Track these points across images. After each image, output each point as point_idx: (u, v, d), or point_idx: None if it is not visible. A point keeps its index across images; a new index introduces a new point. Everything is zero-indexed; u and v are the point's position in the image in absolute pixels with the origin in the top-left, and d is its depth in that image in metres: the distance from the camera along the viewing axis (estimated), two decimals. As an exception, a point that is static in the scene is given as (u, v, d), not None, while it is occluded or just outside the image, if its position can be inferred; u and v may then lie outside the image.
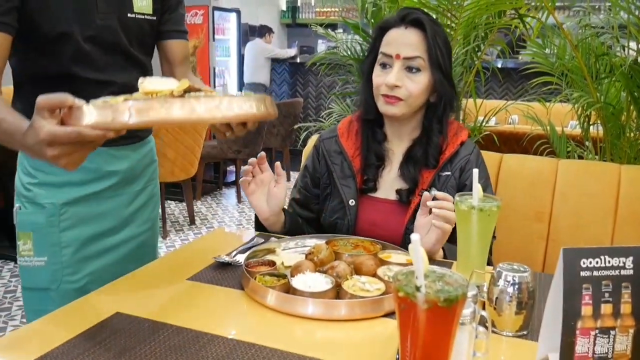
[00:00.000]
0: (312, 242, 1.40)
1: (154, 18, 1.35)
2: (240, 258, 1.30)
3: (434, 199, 1.28)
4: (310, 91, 7.22)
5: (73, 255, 1.29)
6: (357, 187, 1.52)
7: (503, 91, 5.76)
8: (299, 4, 8.63)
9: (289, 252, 1.36)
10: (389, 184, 1.53)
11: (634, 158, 2.14)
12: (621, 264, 0.85)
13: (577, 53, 2.08)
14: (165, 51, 1.44)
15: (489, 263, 1.45)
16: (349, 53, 2.58)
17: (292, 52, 7.06)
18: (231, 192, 5.58)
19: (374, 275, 1.15)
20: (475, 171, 1.14)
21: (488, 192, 1.48)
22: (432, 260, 1.30)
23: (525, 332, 1.01)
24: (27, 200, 1.28)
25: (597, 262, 0.84)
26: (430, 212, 1.29)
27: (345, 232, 1.50)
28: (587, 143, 2.46)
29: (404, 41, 1.42)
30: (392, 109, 1.44)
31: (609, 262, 0.85)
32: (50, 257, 1.26)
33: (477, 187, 1.13)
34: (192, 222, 4.43)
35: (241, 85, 6.96)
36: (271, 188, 1.43)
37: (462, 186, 1.48)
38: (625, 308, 0.85)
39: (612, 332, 0.85)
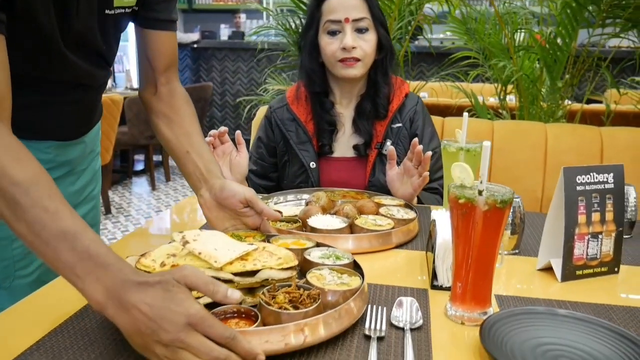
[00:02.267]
0: (292, 196, 1.46)
1: (135, 7, 1.10)
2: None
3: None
4: (214, 77, 7.09)
5: (25, 247, 1.10)
6: (315, 150, 1.60)
7: (430, 72, 6.12)
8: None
9: (280, 206, 1.41)
10: (344, 143, 1.62)
11: (547, 121, 2.42)
12: (605, 179, 1.02)
13: (502, 24, 2.31)
14: (148, 46, 1.16)
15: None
16: (286, 27, 2.61)
17: (195, 36, 6.90)
18: (142, 181, 5.37)
19: (377, 214, 1.24)
20: (465, 115, 1.27)
21: (435, 139, 1.63)
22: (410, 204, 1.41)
23: (517, 251, 1.16)
24: None
25: (587, 178, 1.00)
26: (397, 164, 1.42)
27: None
28: (502, 112, 2.74)
29: (348, 5, 1.50)
30: (352, 71, 1.52)
31: (596, 177, 1.01)
32: (0, 252, 1.07)
33: (464, 129, 1.26)
34: (107, 211, 4.23)
35: (142, 71, 6.67)
36: (233, 158, 1.45)
37: (413, 136, 1.59)
38: (609, 216, 1.03)
39: (600, 236, 1.02)
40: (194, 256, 0.86)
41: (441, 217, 1.03)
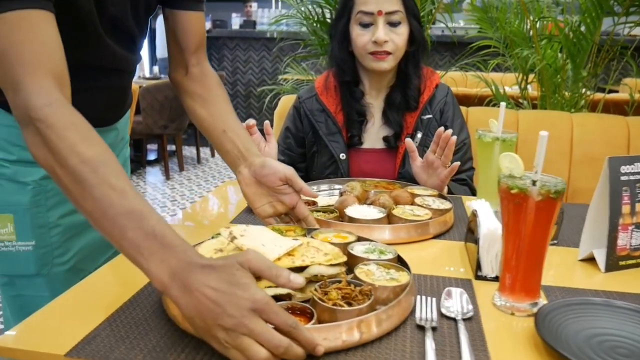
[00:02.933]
0: (325, 186, 1.46)
1: None
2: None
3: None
4: (226, 66, 7.08)
5: (63, 235, 1.11)
6: (345, 141, 1.59)
7: (443, 61, 6.09)
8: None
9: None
10: (374, 135, 1.61)
11: (569, 111, 2.40)
12: (649, 170, 1.00)
13: (526, 12, 2.29)
14: (177, 27, 1.15)
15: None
16: (306, 16, 2.59)
17: (207, 25, 6.88)
18: (155, 170, 5.39)
19: (412, 204, 1.24)
20: (503, 104, 1.26)
21: (465, 131, 1.62)
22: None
23: (556, 241, 1.15)
24: (4, 178, 1.05)
25: (631, 168, 0.99)
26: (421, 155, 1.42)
27: None
28: (523, 101, 2.72)
29: None
30: (383, 64, 1.51)
31: (638, 167, 1.00)
32: (39, 240, 1.08)
33: (501, 119, 1.25)
34: (123, 200, 4.24)
35: (153, 61, 6.68)
36: (262, 147, 1.45)
37: (444, 127, 1.58)
38: (652, 205, 1.01)
39: (642, 227, 1.01)
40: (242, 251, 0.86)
41: (483, 208, 1.03)
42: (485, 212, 1.00)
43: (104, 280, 0.94)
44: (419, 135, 1.56)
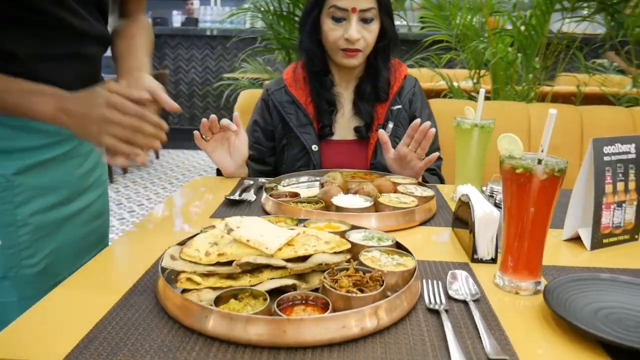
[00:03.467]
0: (305, 178, 1.43)
1: None
2: (249, 196, 1.29)
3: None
4: (168, 65, 6.88)
5: (32, 234, 1.04)
6: (316, 132, 1.57)
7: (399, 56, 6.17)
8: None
9: (293, 188, 1.37)
10: (345, 125, 1.60)
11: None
12: (628, 150, 1.05)
13: (483, 8, 2.34)
14: None
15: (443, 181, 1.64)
16: (268, 9, 2.54)
17: (147, 23, 6.66)
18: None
19: (395, 192, 1.23)
20: (482, 91, 1.27)
21: (432, 121, 1.64)
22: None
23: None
24: None
25: (613, 149, 1.03)
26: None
27: None
28: (475, 95, 2.79)
29: None
30: (352, 61, 1.50)
31: (620, 148, 1.04)
32: (5, 239, 1.00)
33: (480, 106, 1.26)
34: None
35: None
36: (233, 141, 1.43)
37: (412, 117, 1.59)
38: (631, 185, 1.06)
39: (624, 205, 1.05)
40: (240, 243, 0.82)
41: (473, 192, 1.03)
42: (477, 197, 1.01)
43: (85, 284, 0.87)
44: (390, 125, 1.56)
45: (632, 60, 2.57)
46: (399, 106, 1.58)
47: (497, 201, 1.00)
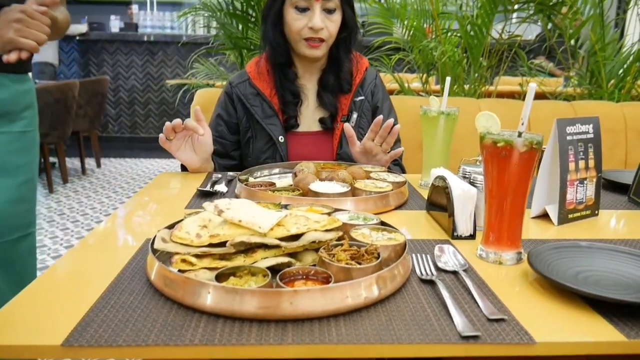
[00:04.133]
0: (277, 170, 1.44)
1: None
2: (220, 188, 1.27)
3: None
4: (106, 72, 6.67)
5: None
6: (282, 124, 1.58)
7: None
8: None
9: (265, 178, 1.37)
10: (309, 117, 1.62)
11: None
12: (587, 130, 1.12)
13: (432, 6, 2.42)
14: None
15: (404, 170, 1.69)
16: (220, 8, 2.52)
17: (83, 28, 6.43)
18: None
19: (368, 179, 1.26)
20: (448, 79, 1.32)
21: (393, 112, 1.69)
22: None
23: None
24: None
25: (574, 129, 1.09)
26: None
27: None
28: (424, 94, 2.88)
29: None
30: (316, 52, 1.53)
31: (580, 128, 1.10)
32: None
33: (446, 94, 1.31)
34: None
35: (23, 66, 6.07)
36: (196, 137, 1.42)
37: (374, 108, 1.65)
38: (591, 163, 1.13)
39: (585, 182, 1.12)
40: (232, 224, 0.82)
41: (447, 174, 1.07)
42: (452, 177, 1.04)
43: (72, 270, 0.84)
44: (355, 115, 1.59)
45: (569, 58, 2.73)
46: (362, 97, 1.62)
47: (471, 180, 1.04)
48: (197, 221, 0.86)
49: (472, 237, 0.99)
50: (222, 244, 0.79)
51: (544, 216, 1.13)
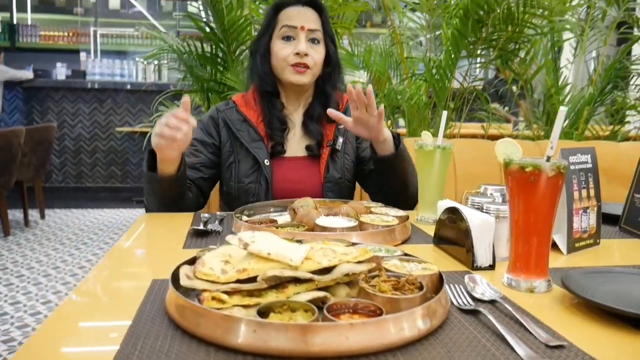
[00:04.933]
0: (271, 208, 1.39)
1: None
2: (214, 227, 1.21)
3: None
4: (50, 120, 6.42)
5: None
6: (268, 149, 1.57)
7: None
8: (15, 21, 7.62)
9: (262, 217, 1.32)
10: (296, 144, 1.63)
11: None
12: (586, 160, 1.14)
13: (399, 47, 2.49)
14: None
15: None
16: (187, 50, 2.48)
17: (30, 74, 6.20)
18: (-28, 238, 4.56)
19: (370, 213, 1.23)
20: (445, 113, 1.33)
21: None
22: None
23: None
24: None
25: (575, 159, 1.12)
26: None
27: (264, 194, 1.52)
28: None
29: (305, 16, 1.55)
30: (302, 78, 1.54)
31: (580, 158, 1.13)
32: None
33: (442, 128, 1.32)
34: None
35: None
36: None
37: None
38: (591, 192, 1.15)
39: (588, 211, 1.13)
40: (259, 258, 0.76)
41: (456, 205, 1.06)
42: (464, 208, 1.03)
43: (71, 324, 0.75)
44: (340, 140, 1.61)
45: (526, 98, 2.86)
46: None
47: (484, 210, 1.03)
48: (218, 256, 0.79)
49: (491, 267, 0.97)
50: (250, 280, 0.73)
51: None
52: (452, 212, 1.05)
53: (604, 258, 1.11)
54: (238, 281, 0.73)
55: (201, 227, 1.19)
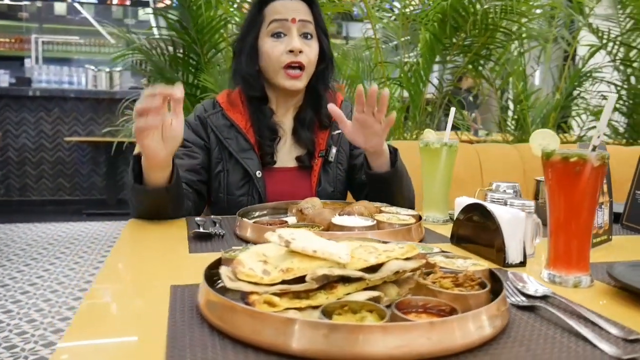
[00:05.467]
0: (268, 210, 1.31)
1: None
2: (216, 230, 1.12)
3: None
4: (-8, 129, 6.05)
5: None
6: (259, 159, 1.46)
7: None
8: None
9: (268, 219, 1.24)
10: (285, 153, 1.51)
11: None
12: (598, 155, 1.13)
13: (377, 51, 2.47)
14: None
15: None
16: (157, 52, 2.37)
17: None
18: None
19: (380, 213, 1.18)
20: (453, 109, 1.29)
21: None
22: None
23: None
24: None
25: (590, 154, 1.10)
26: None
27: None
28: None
29: (294, 8, 1.42)
30: (297, 84, 1.43)
31: (594, 153, 1.11)
32: None
33: (450, 126, 1.29)
34: None
35: None
36: (168, 123, 1.11)
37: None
38: (605, 187, 1.14)
39: (602, 206, 1.12)
40: (302, 257, 0.69)
41: (481, 201, 1.02)
42: (489, 204, 1.00)
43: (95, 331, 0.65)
44: (334, 150, 1.51)
45: (498, 104, 2.91)
46: (339, 131, 1.54)
47: (509, 205, 1.00)
48: (254, 256, 0.72)
49: (522, 264, 0.94)
50: (295, 281, 0.66)
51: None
52: (474, 209, 1.01)
53: (621, 253, 1.10)
54: (283, 282, 0.66)
55: (201, 229, 1.10)
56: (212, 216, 1.28)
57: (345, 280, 0.69)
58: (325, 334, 0.54)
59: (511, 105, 3.06)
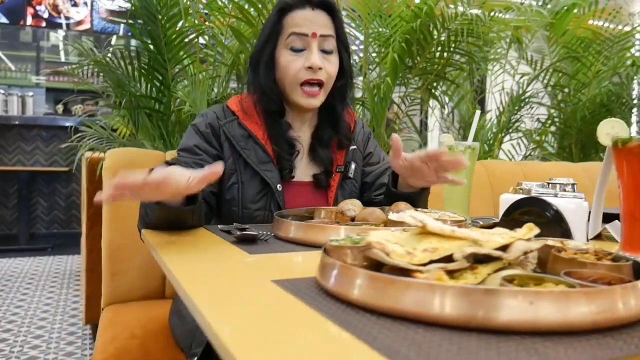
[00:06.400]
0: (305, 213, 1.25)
1: None
2: (255, 229, 1.06)
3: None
4: None
5: None
6: (279, 171, 1.38)
7: None
8: None
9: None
10: (302, 169, 1.45)
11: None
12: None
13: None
14: None
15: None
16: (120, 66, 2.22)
17: None
18: None
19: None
20: (477, 112, 1.32)
21: (385, 156, 1.60)
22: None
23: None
24: None
25: (614, 152, 1.17)
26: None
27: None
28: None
29: (316, 21, 1.34)
30: (314, 102, 1.36)
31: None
32: None
33: (474, 127, 1.31)
34: None
35: None
36: (183, 183, 0.96)
37: (367, 155, 1.55)
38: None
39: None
40: (441, 237, 0.67)
41: (525, 197, 1.04)
42: (545, 198, 1.02)
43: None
44: (353, 166, 1.47)
45: (452, 122, 3.04)
46: (354, 146, 1.52)
47: (560, 196, 1.02)
48: (383, 236, 0.68)
49: (585, 255, 0.96)
50: (439, 261, 0.63)
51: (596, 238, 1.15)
52: (527, 203, 1.03)
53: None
54: (432, 261, 0.63)
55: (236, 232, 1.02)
56: (234, 224, 1.20)
57: (482, 260, 0.67)
58: (531, 302, 0.51)
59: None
